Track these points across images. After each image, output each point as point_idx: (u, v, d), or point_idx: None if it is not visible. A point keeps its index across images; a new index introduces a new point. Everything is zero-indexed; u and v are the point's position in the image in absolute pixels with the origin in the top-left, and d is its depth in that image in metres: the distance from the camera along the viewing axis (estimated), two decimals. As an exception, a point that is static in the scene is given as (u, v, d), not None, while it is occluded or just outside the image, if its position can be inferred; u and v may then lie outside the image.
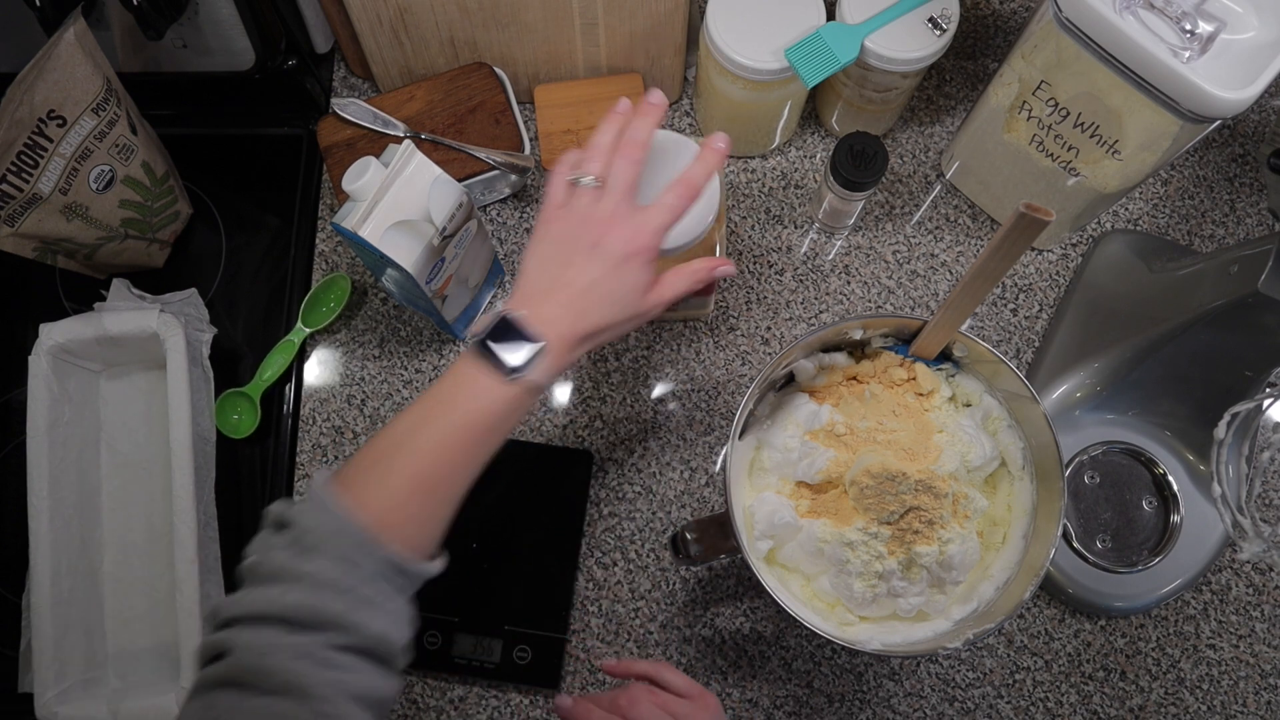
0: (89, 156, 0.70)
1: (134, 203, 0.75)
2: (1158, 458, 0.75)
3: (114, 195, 0.73)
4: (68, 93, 0.67)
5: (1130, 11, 0.58)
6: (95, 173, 0.71)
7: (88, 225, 0.73)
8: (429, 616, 0.73)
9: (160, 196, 0.78)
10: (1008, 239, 0.52)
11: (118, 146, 0.72)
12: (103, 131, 0.70)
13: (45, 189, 0.68)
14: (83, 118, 0.68)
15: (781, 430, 0.63)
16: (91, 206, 0.72)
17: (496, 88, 0.80)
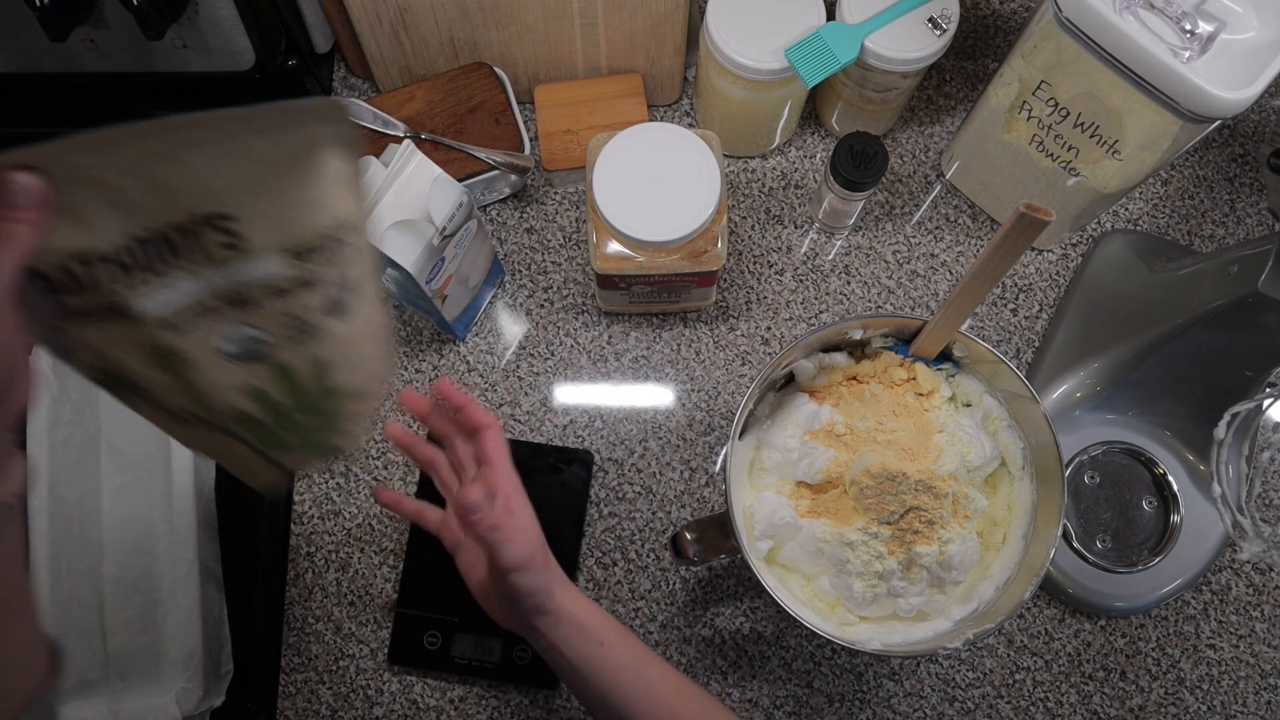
0: (242, 305, 0.42)
1: (269, 401, 0.46)
2: (1158, 458, 0.75)
3: (244, 374, 0.44)
4: (267, 205, 0.40)
5: (1130, 11, 0.58)
6: (237, 333, 0.44)
7: (179, 389, 0.45)
8: (429, 616, 0.73)
9: (314, 413, 0.48)
10: (1008, 239, 0.52)
11: (293, 319, 0.43)
12: (285, 288, 0.42)
13: (145, 308, 0.42)
14: (269, 252, 0.41)
15: (781, 430, 0.64)
16: (201, 369, 0.45)
17: (496, 88, 0.80)
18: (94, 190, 0.38)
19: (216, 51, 0.76)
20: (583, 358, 0.80)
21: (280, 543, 0.77)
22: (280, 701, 0.74)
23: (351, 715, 0.74)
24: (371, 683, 0.75)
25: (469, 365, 0.80)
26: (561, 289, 0.82)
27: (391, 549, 0.77)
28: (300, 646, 0.75)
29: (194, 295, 0.40)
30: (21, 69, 0.80)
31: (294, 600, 0.76)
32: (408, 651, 0.73)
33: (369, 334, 0.47)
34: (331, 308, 0.43)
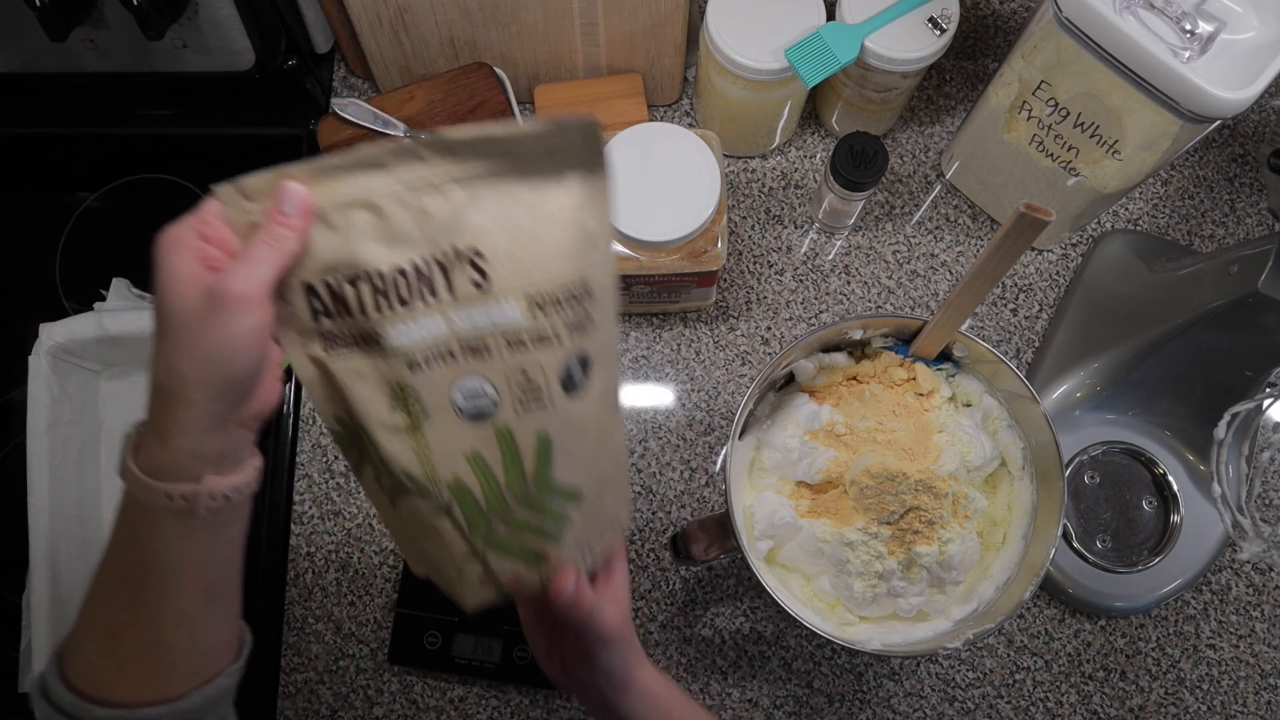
0: (480, 354, 0.41)
1: (488, 472, 0.44)
2: (1158, 458, 0.75)
3: (470, 435, 0.43)
4: (518, 248, 0.40)
5: (1130, 11, 0.58)
6: (470, 385, 0.41)
7: (408, 439, 0.43)
8: (429, 616, 0.73)
9: (529, 505, 0.45)
10: (1008, 239, 0.52)
11: (526, 380, 0.42)
12: (523, 340, 0.41)
13: (397, 340, 0.40)
14: (513, 296, 0.40)
15: (781, 430, 0.63)
16: (432, 417, 0.42)
17: (496, 88, 0.80)
18: (366, 213, 0.40)
19: (216, 51, 0.76)
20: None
21: (280, 543, 0.77)
22: (280, 701, 0.74)
23: (351, 715, 0.74)
24: (371, 683, 0.75)
25: (469, 365, 0.80)
26: (561, 289, 0.82)
27: (391, 549, 0.77)
28: (300, 646, 0.75)
29: (439, 334, 0.41)
30: (21, 69, 0.80)
31: (294, 600, 0.76)
32: (408, 651, 0.73)
33: (599, 429, 0.45)
34: (565, 377, 0.42)
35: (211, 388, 0.39)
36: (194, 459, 0.40)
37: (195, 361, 0.39)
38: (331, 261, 0.40)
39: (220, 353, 0.38)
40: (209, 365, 0.38)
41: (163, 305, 0.39)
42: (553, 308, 0.41)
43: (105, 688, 0.42)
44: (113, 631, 0.43)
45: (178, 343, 0.39)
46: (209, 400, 0.39)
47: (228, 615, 0.46)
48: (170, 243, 0.40)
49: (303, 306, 0.41)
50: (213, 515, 0.40)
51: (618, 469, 0.49)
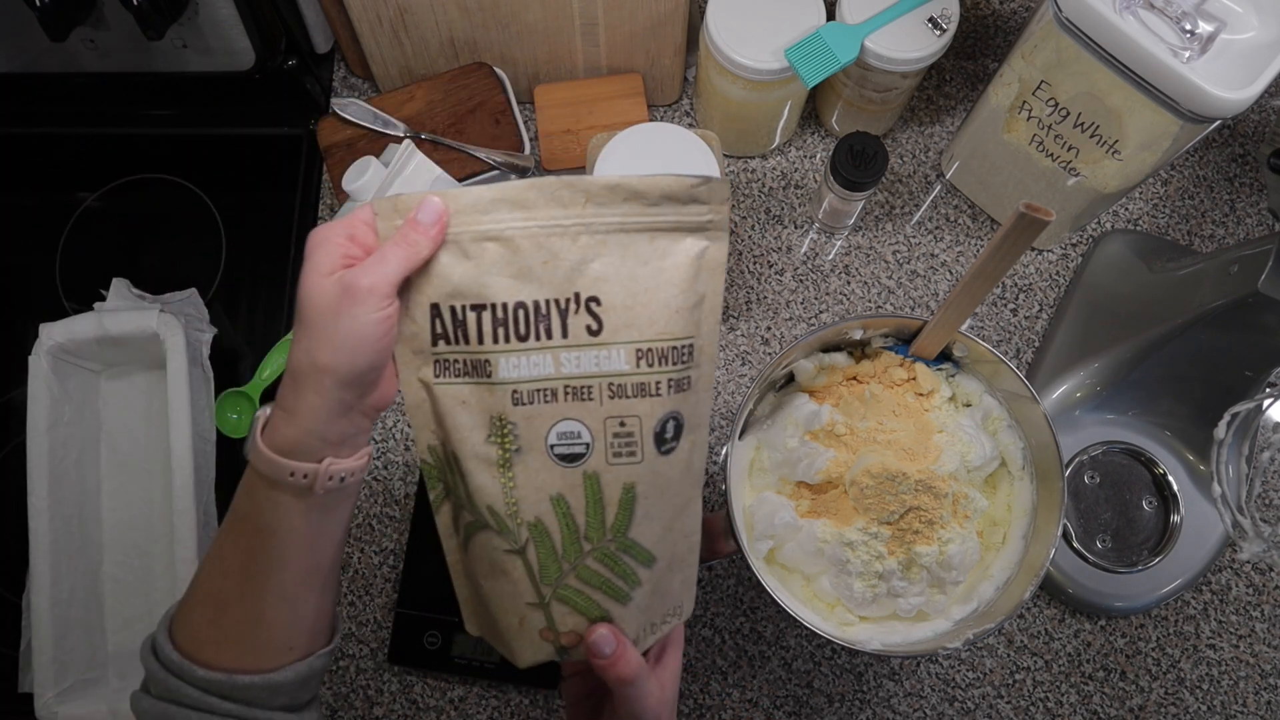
0: (582, 398, 0.43)
1: (568, 514, 0.44)
2: (1158, 458, 0.75)
3: (556, 479, 0.44)
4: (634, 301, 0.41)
5: (1130, 11, 0.58)
6: (568, 427, 0.43)
7: (498, 473, 0.44)
8: (429, 616, 0.73)
9: (603, 559, 0.45)
10: (1008, 239, 0.52)
11: (622, 429, 0.43)
12: (626, 390, 0.42)
13: (506, 374, 0.42)
14: (622, 346, 0.41)
15: (781, 430, 0.63)
16: (525, 453, 0.43)
17: (496, 88, 0.80)
18: (499, 247, 0.42)
19: (216, 51, 0.76)
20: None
21: (280, 543, 0.77)
22: (280, 701, 0.74)
23: (351, 715, 0.74)
24: (371, 683, 0.75)
25: (469, 365, 0.80)
26: (561, 289, 0.82)
27: (391, 549, 0.77)
28: (300, 646, 0.75)
29: (547, 374, 0.43)
30: (21, 69, 0.80)
31: (294, 600, 0.76)
32: (408, 651, 0.73)
33: (681, 497, 0.47)
34: (659, 431, 0.44)
35: (340, 375, 0.42)
36: (320, 440, 0.43)
37: (328, 350, 0.41)
38: (460, 287, 0.42)
39: (349, 342, 0.41)
40: (339, 353, 0.41)
41: (303, 295, 0.42)
42: (659, 361, 0.43)
43: (208, 652, 0.45)
44: (221, 601, 0.46)
45: (314, 332, 0.42)
46: (337, 388, 0.42)
47: (326, 598, 0.48)
48: (319, 239, 0.43)
49: (425, 326, 0.43)
50: (327, 495, 0.44)
51: (690, 551, 0.50)
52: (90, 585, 0.74)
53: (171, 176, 0.86)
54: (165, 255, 0.85)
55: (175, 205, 0.86)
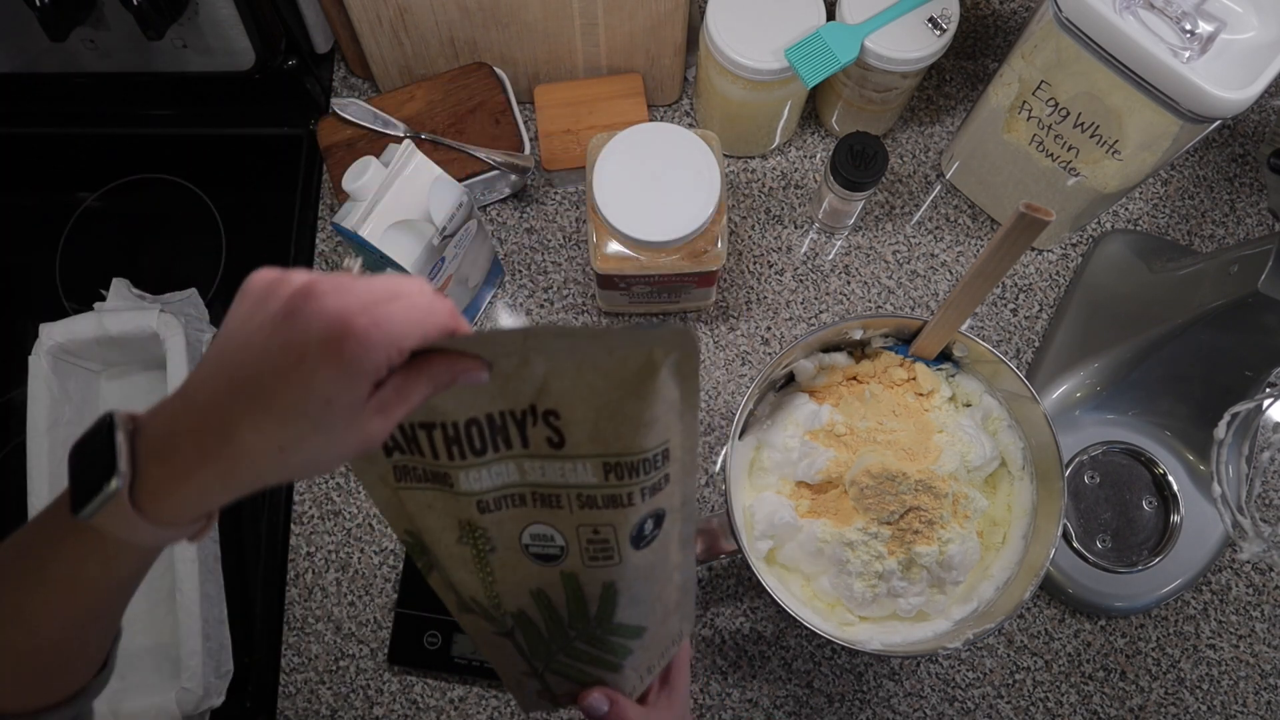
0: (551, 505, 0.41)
1: (550, 607, 0.45)
2: (1158, 458, 0.75)
3: (534, 572, 0.44)
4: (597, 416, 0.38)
5: (1130, 11, 0.58)
6: (540, 530, 0.42)
7: (474, 568, 0.44)
8: (429, 616, 0.73)
9: (591, 641, 0.46)
10: (1008, 239, 0.52)
11: (596, 535, 0.42)
12: (595, 500, 0.41)
13: (468, 484, 0.40)
14: (589, 460, 0.39)
15: (781, 430, 0.63)
16: (499, 553, 0.43)
17: (496, 88, 0.80)
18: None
19: (216, 51, 0.76)
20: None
21: (280, 543, 0.77)
22: (280, 701, 0.74)
23: (351, 715, 0.74)
24: (371, 683, 0.75)
25: (469, 365, 0.80)
26: (561, 289, 0.82)
27: (391, 549, 0.77)
28: (300, 646, 0.75)
29: (511, 480, 0.40)
30: (21, 69, 0.80)
31: (294, 600, 0.76)
32: (408, 651, 0.73)
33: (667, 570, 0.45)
34: (636, 535, 0.42)
35: (287, 473, 0.36)
36: (213, 507, 0.37)
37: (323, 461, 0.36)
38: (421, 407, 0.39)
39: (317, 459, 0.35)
40: (301, 463, 0.35)
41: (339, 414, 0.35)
42: (629, 474, 0.40)
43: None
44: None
45: (315, 441, 0.35)
46: (275, 478, 0.35)
47: (114, 630, 0.44)
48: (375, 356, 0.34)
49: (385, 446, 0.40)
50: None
51: (685, 594, 0.48)
52: (90, 585, 0.74)
53: (171, 176, 0.86)
54: (165, 255, 0.85)
55: (175, 205, 0.86)
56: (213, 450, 0.34)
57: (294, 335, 0.33)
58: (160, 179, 0.86)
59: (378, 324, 0.33)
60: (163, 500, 0.35)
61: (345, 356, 0.33)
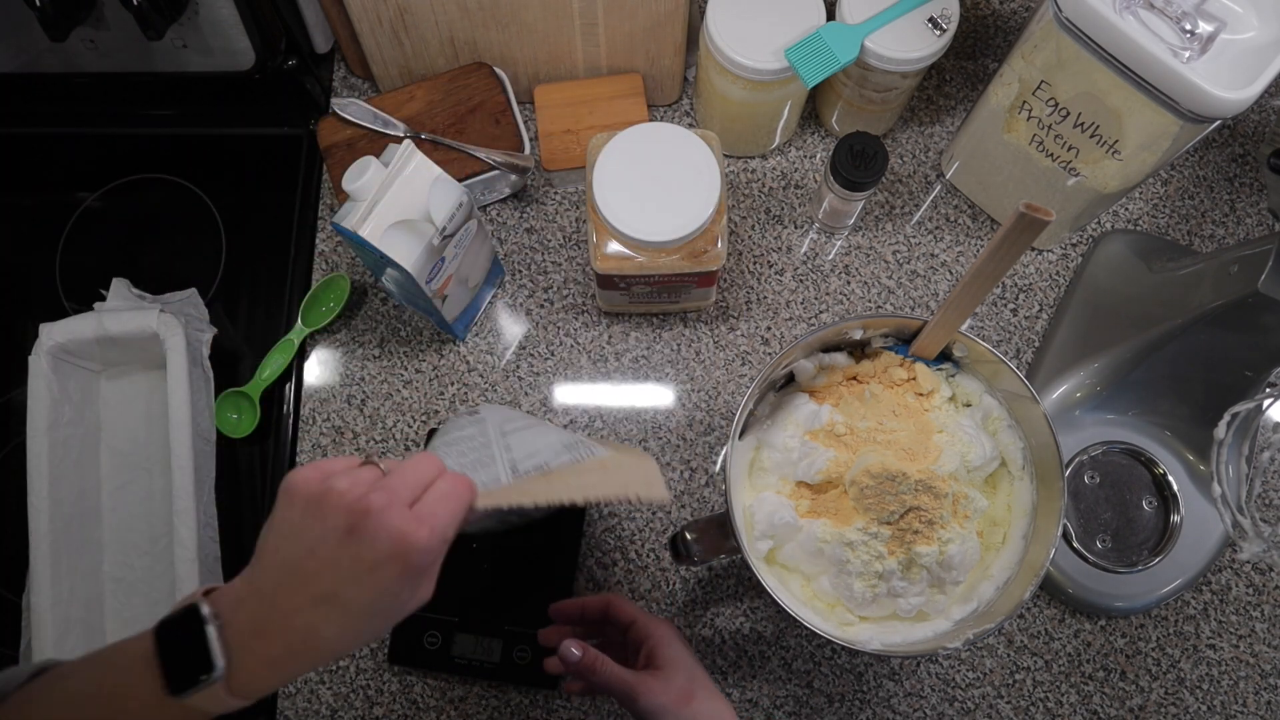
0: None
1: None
2: (1158, 458, 0.75)
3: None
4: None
5: (1130, 11, 0.58)
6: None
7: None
8: (429, 616, 0.73)
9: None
10: (1008, 239, 0.52)
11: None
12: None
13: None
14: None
15: (781, 430, 0.63)
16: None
17: (496, 88, 0.80)
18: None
19: (216, 51, 0.76)
20: (583, 358, 0.80)
21: (280, 543, 0.77)
22: (280, 701, 0.74)
23: (351, 715, 0.74)
24: (371, 683, 0.75)
25: (469, 365, 0.80)
26: (561, 289, 0.82)
27: (391, 549, 0.77)
28: (300, 646, 0.75)
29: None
30: (21, 69, 0.80)
31: (294, 600, 0.76)
32: (408, 651, 0.73)
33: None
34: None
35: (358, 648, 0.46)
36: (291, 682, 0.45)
37: (367, 639, 0.44)
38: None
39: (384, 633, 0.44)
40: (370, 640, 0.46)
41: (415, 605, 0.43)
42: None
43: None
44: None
45: (385, 624, 0.43)
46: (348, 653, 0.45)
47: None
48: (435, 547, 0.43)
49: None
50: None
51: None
52: (90, 585, 0.74)
53: (171, 176, 0.86)
54: (165, 255, 0.85)
55: (175, 205, 0.86)
56: (299, 648, 0.42)
57: (363, 551, 0.41)
58: (160, 179, 0.87)
59: (433, 530, 0.42)
60: (251, 686, 0.42)
61: (413, 563, 0.41)
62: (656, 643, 0.59)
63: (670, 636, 0.60)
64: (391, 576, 0.41)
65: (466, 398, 0.79)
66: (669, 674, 0.57)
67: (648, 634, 0.60)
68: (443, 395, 0.79)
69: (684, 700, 0.56)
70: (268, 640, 0.41)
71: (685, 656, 0.59)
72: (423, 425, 0.79)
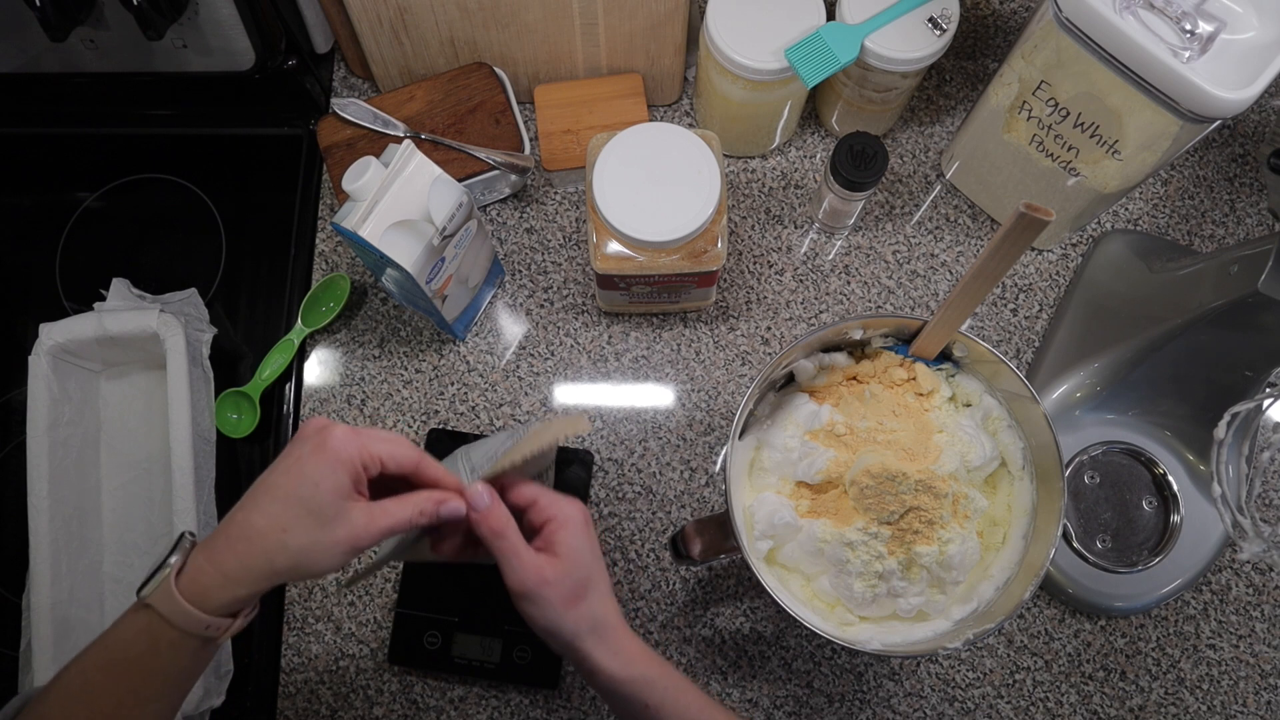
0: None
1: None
2: (1158, 458, 0.75)
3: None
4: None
5: (1130, 11, 0.58)
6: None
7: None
8: (429, 616, 0.73)
9: None
10: (1008, 239, 0.52)
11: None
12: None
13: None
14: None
15: (781, 430, 0.63)
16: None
17: (496, 88, 0.80)
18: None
19: (216, 51, 0.76)
20: (583, 358, 0.80)
21: (280, 543, 0.77)
22: (280, 701, 0.74)
23: (351, 715, 0.74)
24: (371, 683, 0.75)
25: (469, 365, 0.80)
26: (561, 289, 0.82)
27: (391, 549, 0.77)
28: (300, 646, 0.75)
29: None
30: (21, 69, 0.80)
31: (294, 600, 0.76)
32: (408, 651, 0.73)
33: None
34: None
35: (289, 557, 0.45)
36: (244, 601, 0.46)
37: (319, 549, 0.46)
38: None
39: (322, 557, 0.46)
40: (300, 548, 0.45)
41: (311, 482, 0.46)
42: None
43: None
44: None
45: (300, 522, 0.45)
46: (283, 563, 0.45)
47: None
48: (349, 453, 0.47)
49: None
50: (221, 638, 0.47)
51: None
52: (90, 585, 0.74)
53: (171, 176, 0.86)
54: (165, 255, 0.85)
55: (175, 205, 0.86)
56: (235, 537, 0.46)
57: (295, 446, 0.47)
58: (160, 179, 0.87)
59: (355, 432, 0.47)
60: (196, 582, 0.45)
61: (327, 446, 0.46)
62: (558, 526, 0.53)
63: (575, 522, 0.53)
64: (307, 459, 0.46)
65: (466, 398, 0.79)
66: (564, 565, 0.52)
67: (551, 515, 0.53)
68: (443, 395, 0.79)
69: (571, 599, 0.51)
70: (212, 540, 0.46)
71: (585, 548, 0.53)
72: (423, 425, 0.79)
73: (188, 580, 0.45)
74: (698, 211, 0.66)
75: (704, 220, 0.66)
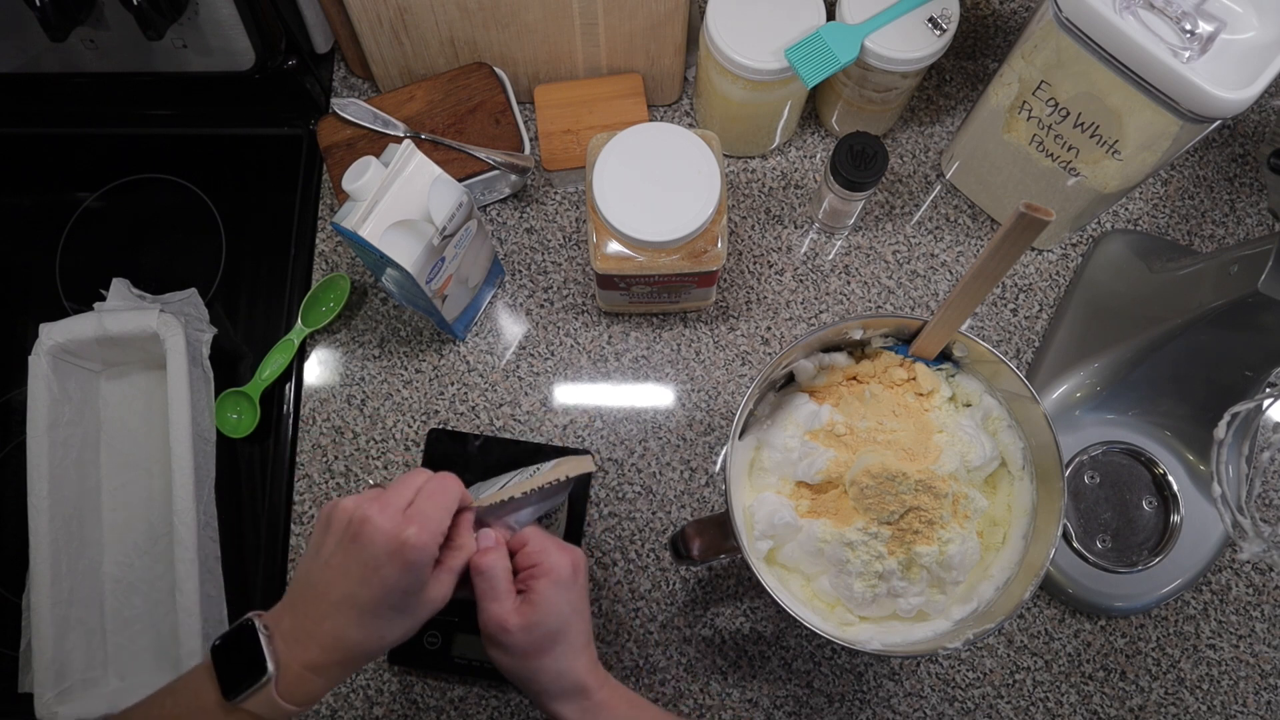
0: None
1: None
2: (1158, 458, 0.75)
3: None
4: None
5: (1130, 11, 0.58)
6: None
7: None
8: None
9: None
10: (1008, 239, 0.52)
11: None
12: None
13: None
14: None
15: (781, 430, 0.63)
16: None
17: (496, 88, 0.80)
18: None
19: (216, 51, 0.76)
20: (583, 358, 0.80)
21: (280, 542, 0.77)
22: (280, 701, 0.74)
23: (351, 715, 0.74)
24: (371, 683, 0.75)
25: (469, 365, 0.80)
26: (561, 289, 0.82)
27: (391, 549, 0.77)
28: (300, 646, 0.75)
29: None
30: (21, 69, 0.80)
31: (294, 600, 0.76)
32: (408, 651, 0.73)
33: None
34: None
35: (390, 645, 0.50)
36: (334, 686, 0.50)
37: (410, 632, 0.50)
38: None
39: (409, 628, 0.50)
40: (399, 637, 0.49)
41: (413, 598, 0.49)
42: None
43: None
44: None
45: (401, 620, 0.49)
46: (382, 651, 0.50)
47: None
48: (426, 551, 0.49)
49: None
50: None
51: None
52: (90, 585, 0.74)
53: (171, 176, 0.86)
54: (165, 255, 0.85)
55: (175, 205, 0.86)
56: (331, 649, 0.48)
57: (365, 554, 0.47)
58: (160, 179, 0.87)
59: (423, 526, 0.48)
60: (299, 690, 0.48)
61: (408, 558, 0.47)
62: (539, 574, 0.53)
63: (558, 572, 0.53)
64: (393, 573, 0.47)
65: (466, 398, 0.79)
66: (534, 615, 0.52)
67: (536, 561, 0.54)
68: (443, 395, 0.79)
69: (534, 651, 0.52)
70: (304, 646, 0.48)
71: (562, 600, 0.53)
72: (423, 425, 0.79)
73: (287, 688, 0.47)
74: (698, 211, 0.66)
75: (704, 220, 0.66)
